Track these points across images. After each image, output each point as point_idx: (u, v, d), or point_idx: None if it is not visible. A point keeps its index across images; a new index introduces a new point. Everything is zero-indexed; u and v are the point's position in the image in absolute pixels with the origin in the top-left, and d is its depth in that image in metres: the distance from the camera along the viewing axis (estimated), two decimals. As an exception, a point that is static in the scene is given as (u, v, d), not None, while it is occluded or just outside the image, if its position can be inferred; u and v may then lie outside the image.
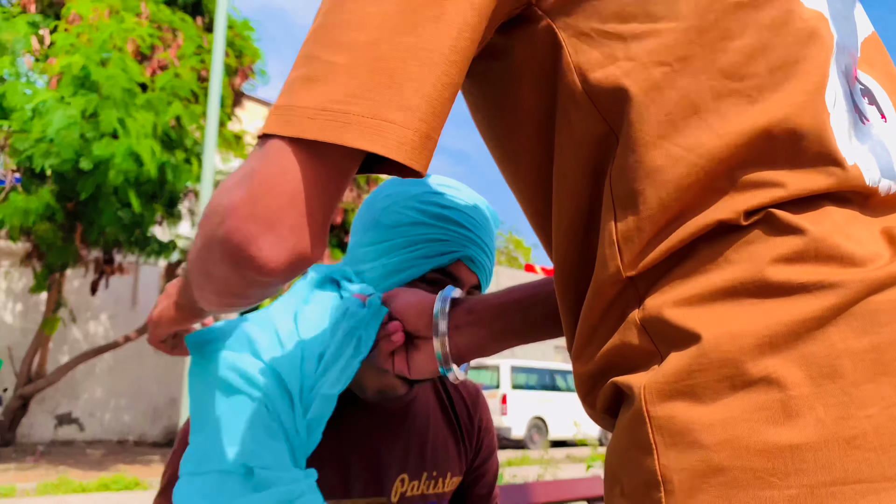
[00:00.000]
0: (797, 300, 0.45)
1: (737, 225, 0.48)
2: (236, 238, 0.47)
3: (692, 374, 0.45)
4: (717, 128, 0.48)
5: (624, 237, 0.51)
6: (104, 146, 6.90)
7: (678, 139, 0.49)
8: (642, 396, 0.47)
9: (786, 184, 0.48)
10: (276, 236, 0.47)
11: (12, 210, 7.39)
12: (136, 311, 12.56)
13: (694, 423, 0.44)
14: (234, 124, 9.97)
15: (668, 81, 0.49)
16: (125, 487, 7.02)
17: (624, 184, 0.51)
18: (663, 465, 0.45)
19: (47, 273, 9.06)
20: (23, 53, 7.59)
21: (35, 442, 11.11)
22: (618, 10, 0.51)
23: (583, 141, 0.53)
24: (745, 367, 0.44)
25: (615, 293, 0.52)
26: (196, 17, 9.06)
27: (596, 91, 0.51)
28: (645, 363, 0.49)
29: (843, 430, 0.42)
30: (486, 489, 1.12)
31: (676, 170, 0.48)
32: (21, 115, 6.89)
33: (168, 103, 7.54)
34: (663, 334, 0.48)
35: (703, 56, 0.49)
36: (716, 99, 0.49)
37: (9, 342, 11.29)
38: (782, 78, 0.49)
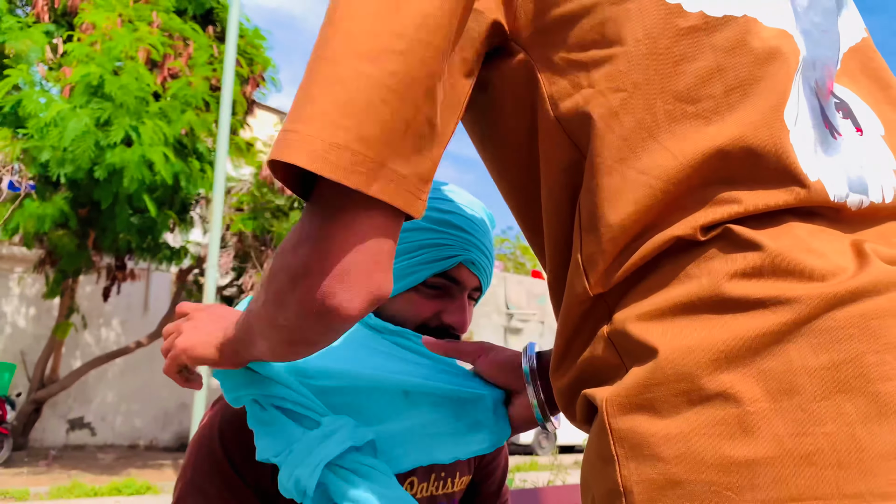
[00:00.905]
0: (754, 315, 0.45)
1: (695, 241, 0.49)
2: (316, 295, 0.49)
3: (650, 388, 0.46)
4: (672, 150, 0.49)
5: (587, 259, 0.52)
6: (118, 154, 6.96)
7: (635, 162, 0.50)
8: (604, 409, 0.48)
9: (742, 200, 0.48)
10: (351, 286, 0.48)
11: (27, 217, 7.47)
12: (148, 316, 12.62)
13: (653, 436, 0.45)
14: (246, 132, 10.03)
15: (624, 107, 0.50)
16: (136, 492, 7.06)
17: (587, 207, 0.52)
18: (624, 475, 0.46)
19: (60, 279, 9.14)
20: (37, 62, 7.68)
21: (47, 446, 11.17)
22: (579, 37, 0.52)
23: (560, 167, 0.55)
24: (702, 382, 0.44)
25: (585, 310, 0.53)
26: (207, 27, 9.14)
27: (566, 119, 0.53)
28: (612, 376, 0.50)
29: (799, 446, 0.42)
30: (495, 486, 1.13)
31: (635, 192, 0.49)
32: (36, 124, 6.97)
33: (181, 112, 7.60)
34: (627, 348, 0.49)
35: (658, 81, 0.50)
36: (671, 122, 0.50)
37: (22, 347, 11.37)
38: (738, 98, 0.50)
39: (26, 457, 9.73)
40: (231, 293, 10.60)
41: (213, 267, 7.94)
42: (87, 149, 6.86)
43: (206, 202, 9.41)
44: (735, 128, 0.49)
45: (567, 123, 0.53)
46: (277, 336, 0.55)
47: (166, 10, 8.37)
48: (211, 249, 7.91)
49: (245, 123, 9.77)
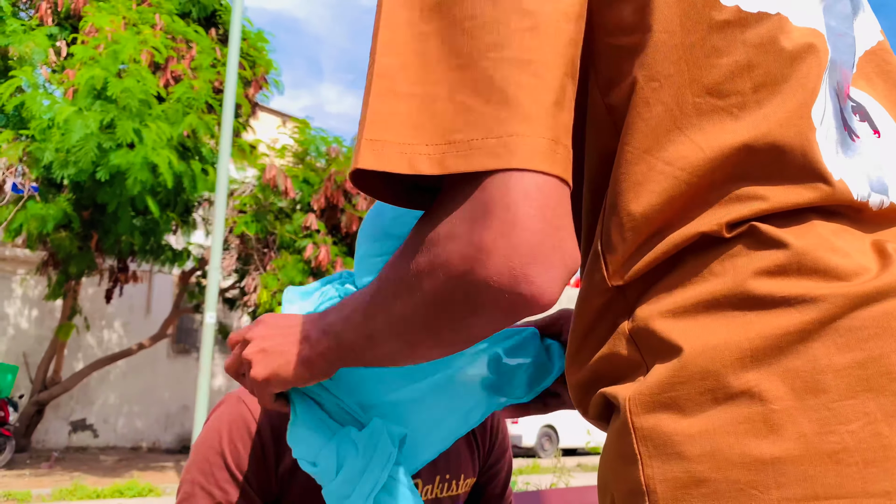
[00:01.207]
0: (779, 314, 0.45)
1: (720, 237, 0.49)
2: (501, 283, 0.43)
3: (674, 386, 0.46)
4: (699, 142, 0.49)
5: (607, 247, 0.52)
6: (121, 156, 6.98)
7: (661, 153, 0.50)
8: (627, 408, 0.48)
9: (768, 197, 0.48)
10: (544, 265, 0.43)
11: (30, 218, 7.49)
12: (150, 318, 12.64)
13: (677, 435, 0.45)
14: (249, 134, 10.05)
15: (655, 96, 0.50)
16: (139, 494, 7.06)
17: (611, 196, 0.52)
18: (647, 475, 0.46)
19: (63, 281, 9.16)
20: (40, 65, 7.71)
21: (50, 448, 11.19)
22: (620, 21, 0.51)
23: (604, 155, 0.54)
24: (727, 380, 0.45)
25: (603, 303, 0.53)
26: (210, 30, 9.16)
27: (614, 106, 0.52)
28: (632, 374, 0.50)
29: (825, 444, 0.42)
30: (500, 488, 1.14)
31: (659, 183, 0.49)
32: (39, 125, 6.99)
33: (184, 114, 7.62)
34: (649, 345, 0.49)
35: (689, 73, 0.50)
36: (699, 115, 0.50)
37: (24, 349, 11.40)
38: (766, 96, 0.50)
39: (28, 458, 9.75)
40: (233, 295, 10.61)
41: (216, 269, 7.95)
42: (89, 151, 6.88)
43: (209, 204, 9.43)
44: (762, 124, 0.49)
45: (615, 111, 0.52)
46: (430, 340, 0.51)
47: (169, 13, 8.40)
48: (213, 251, 7.92)
49: (248, 126, 9.79)
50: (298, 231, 9.27)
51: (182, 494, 0.86)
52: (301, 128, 10.05)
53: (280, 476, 0.87)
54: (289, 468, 0.87)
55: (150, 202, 7.55)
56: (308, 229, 9.18)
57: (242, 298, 9.58)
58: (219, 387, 13.46)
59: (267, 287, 8.80)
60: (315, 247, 8.93)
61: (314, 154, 9.99)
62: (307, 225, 9.15)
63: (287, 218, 9.65)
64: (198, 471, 0.85)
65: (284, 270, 8.89)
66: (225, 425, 0.87)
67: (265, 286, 8.81)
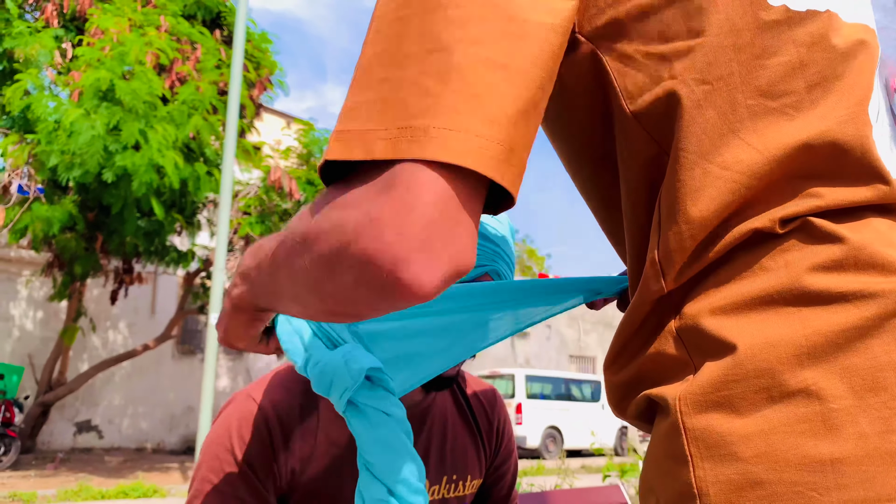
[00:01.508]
0: (836, 309, 0.44)
1: (773, 233, 0.48)
2: (382, 261, 0.41)
3: (728, 385, 0.45)
4: (755, 145, 0.48)
5: (665, 257, 0.51)
6: (127, 158, 7.01)
7: (716, 157, 0.49)
8: (677, 408, 0.47)
9: (824, 195, 0.48)
10: (430, 256, 0.41)
11: (35, 220, 7.52)
12: (155, 319, 12.68)
13: (730, 435, 0.44)
14: (253, 135, 10.08)
15: (707, 100, 0.49)
16: (144, 495, 7.07)
17: (667, 203, 0.51)
18: (699, 476, 0.44)
19: (68, 282, 9.19)
20: (46, 67, 7.74)
21: (55, 449, 11.23)
22: (662, 28, 0.50)
23: (639, 162, 0.53)
24: (783, 378, 0.43)
25: (652, 306, 0.52)
26: (215, 31, 9.19)
27: (643, 114, 0.51)
28: (678, 374, 0.49)
29: (887, 444, 0.41)
30: (505, 490, 1.14)
31: (717, 188, 0.48)
32: (46, 127, 7.02)
33: (188, 116, 7.65)
34: (698, 344, 0.48)
35: (740, 75, 0.49)
36: (753, 117, 0.49)
37: (30, 350, 11.44)
38: (820, 94, 0.49)
39: (34, 459, 9.78)
40: (238, 296, 10.61)
41: (221, 270, 7.97)
42: (96, 153, 6.90)
43: (214, 206, 9.45)
44: (820, 123, 0.49)
45: (645, 119, 0.51)
46: (319, 305, 0.48)
47: (174, 15, 8.43)
48: (218, 253, 7.93)
49: (252, 127, 9.81)
50: (303, 232, 9.27)
51: (193, 491, 0.86)
52: (305, 129, 10.07)
53: (289, 472, 0.87)
54: (298, 464, 0.87)
55: (155, 204, 7.57)
56: (312, 230, 9.17)
57: (247, 299, 9.59)
58: (223, 388, 13.48)
59: (271, 288, 8.80)
60: (319, 248, 8.92)
61: (318, 155, 10.01)
62: (311, 226, 9.15)
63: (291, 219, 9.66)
64: (208, 468, 0.86)
65: (289, 272, 8.89)
66: (235, 422, 0.87)
67: (269, 287, 8.81)
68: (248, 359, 14.10)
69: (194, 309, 11.11)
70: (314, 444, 0.89)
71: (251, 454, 0.85)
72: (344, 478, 0.89)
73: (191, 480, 0.88)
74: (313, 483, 0.87)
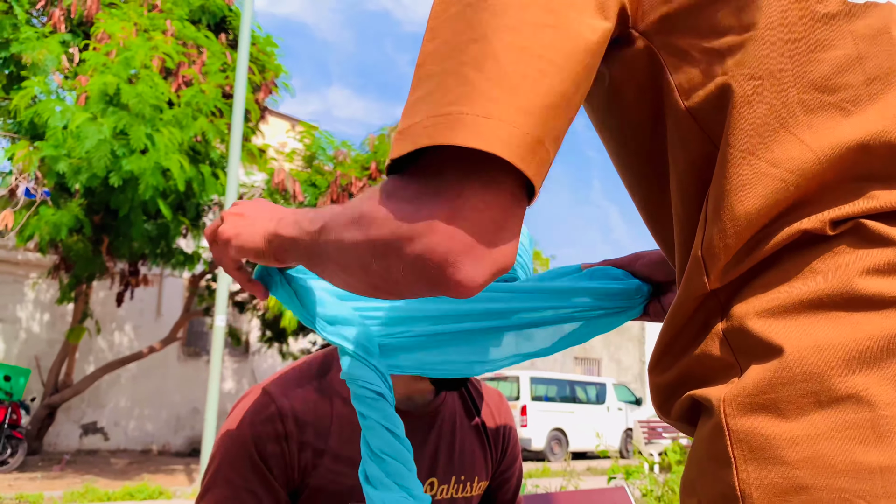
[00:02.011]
0: (889, 314, 0.43)
1: (823, 235, 0.46)
2: (433, 261, 0.44)
3: (774, 388, 0.44)
4: (808, 142, 0.47)
5: (708, 253, 0.50)
6: (134, 162, 7.04)
7: (766, 154, 0.48)
8: (721, 409, 0.46)
9: (877, 196, 0.46)
10: (477, 259, 0.44)
11: (42, 223, 7.56)
12: (161, 321, 12.71)
13: (776, 438, 0.43)
14: (258, 138, 10.11)
15: (757, 95, 0.48)
16: (149, 497, 7.09)
17: (714, 199, 0.50)
18: (742, 479, 0.44)
19: (74, 284, 9.23)
20: (53, 71, 7.78)
21: (61, 451, 11.26)
22: (714, 23, 0.49)
23: (691, 159, 0.52)
24: (832, 383, 0.42)
25: (698, 305, 0.52)
26: (220, 35, 9.22)
27: (699, 110, 0.50)
28: (723, 375, 0.48)
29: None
30: (510, 494, 1.15)
31: (765, 185, 0.47)
32: (54, 133, 7.06)
33: (194, 119, 7.68)
34: (744, 346, 0.47)
35: (793, 69, 0.48)
36: (806, 112, 0.47)
37: (36, 352, 11.48)
38: (880, 88, 0.48)
39: (40, 461, 9.81)
40: (243, 298, 10.65)
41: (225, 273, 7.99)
42: (103, 157, 6.93)
43: (219, 208, 9.48)
44: (878, 121, 0.47)
45: (701, 115, 0.51)
46: (363, 278, 0.51)
47: (180, 19, 8.46)
48: (223, 255, 7.95)
49: (257, 130, 9.84)
50: (307, 235, 9.28)
51: (206, 484, 0.87)
52: (308, 131, 10.10)
53: (301, 466, 0.88)
54: (310, 459, 0.88)
55: (162, 206, 7.60)
56: (317, 233, 9.19)
57: (252, 302, 9.62)
58: (229, 390, 13.51)
59: (276, 290, 8.82)
60: (324, 250, 8.94)
61: (322, 157, 10.03)
62: (316, 228, 9.17)
63: (296, 222, 9.67)
64: (221, 461, 0.87)
65: (294, 274, 8.91)
66: (249, 415, 0.88)
67: (274, 290, 8.83)
68: (254, 361, 14.12)
69: (200, 311, 11.13)
70: (327, 439, 0.90)
71: (265, 448, 0.86)
72: (357, 473, 0.90)
73: (205, 472, 0.89)
74: (326, 478, 0.88)
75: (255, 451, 0.86)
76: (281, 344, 11.33)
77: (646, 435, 13.01)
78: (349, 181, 9.32)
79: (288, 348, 11.50)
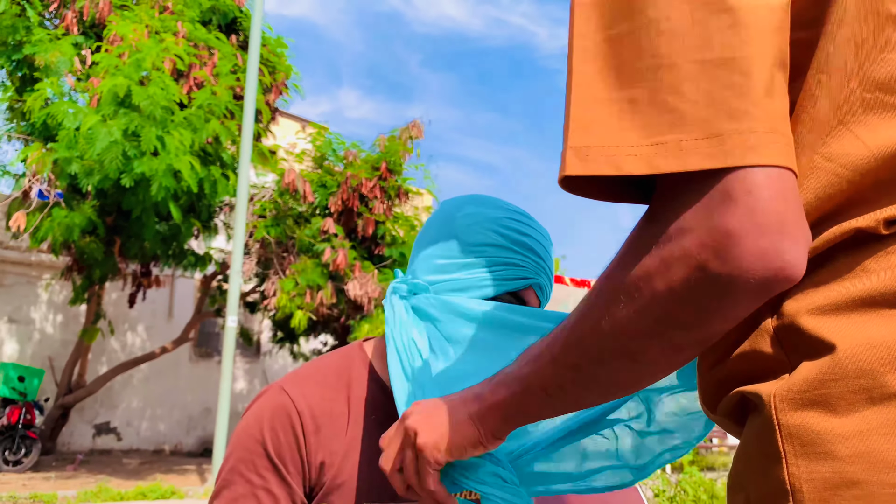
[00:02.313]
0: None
1: (876, 234, 0.46)
2: (753, 265, 0.43)
3: (825, 384, 0.44)
4: (864, 139, 0.47)
5: None
6: (145, 164, 7.09)
7: (822, 148, 0.48)
8: (772, 405, 0.46)
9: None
10: (793, 239, 0.44)
11: (55, 225, 7.62)
12: (172, 322, 12.78)
13: (827, 434, 0.43)
14: (269, 139, 10.15)
15: (821, 90, 0.49)
16: (162, 496, 7.14)
17: None
18: (793, 474, 0.44)
19: (87, 285, 9.30)
20: (65, 73, 7.85)
21: (74, 451, 11.35)
22: (798, 17, 0.49)
23: None
24: (885, 380, 0.43)
25: None
26: (231, 36, 9.27)
27: None
28: (773, 372, 0.49)
29: None
30: None
31: (819, 179, 0.48)
32: (66, 134, 7.11)
33: (206, 121, 7.72)
34: (796, 343, 0.48)
35: (858, 67, 0.48)
36: (866, 110, 0.48)
37: (50, 353, 11.58)
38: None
39: (54, 461, 9.90)
40: (254, 299, 10.70)
41: (237, 273, 8.03)
42: (115, 159, 6.98)
43: (230, 209, 9.53)
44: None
45: None
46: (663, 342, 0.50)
47: (191, 21, 8.51)
48: (234, 256, 7.99)
49: (268, 131, 9.88)
50: (317, 235, 9.33)
51: (221, 482, 0.87)
52: (319, 133, 10.13)
53: (318, 465, 0.88)
54: (327, 458, 0.88)
55: (173, 208, 7.65)
56: (326, 233, 9.24)
57: (263, 302, 9.67)
58: (240, 390, 13.57)
59: (286, 291, 8.87)
60: (333, 251, 8.99)
61: (331, 158, 10.06)
62: (325, 229, 9.22)
63: (306, 222, 9.72)
64: (237, 458, 0.86)
65: (304, 274, 8.96)
66: (266, 413, 0.88)
67: (284, 290, 8.88)
68: (265, 361, 14.18)
69: (211, 312, 11.19)
70: (344, 439, 0.89)
71: (281, 446, 0.86)
72: (373, 472, 0.90)
73: (219, 471, 0.89)
74: (342, 477, 0.88)
75: (271, 450, 0.86)
76: (292, 344, 11.38)
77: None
78: (359, 182, 9.34)
79: (299, 349, 11.55)
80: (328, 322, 10.16)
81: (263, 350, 14.00)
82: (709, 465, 12.42)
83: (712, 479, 5.50)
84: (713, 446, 13.34)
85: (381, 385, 0.93)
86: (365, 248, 9.78)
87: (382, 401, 0.93)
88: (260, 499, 0.85)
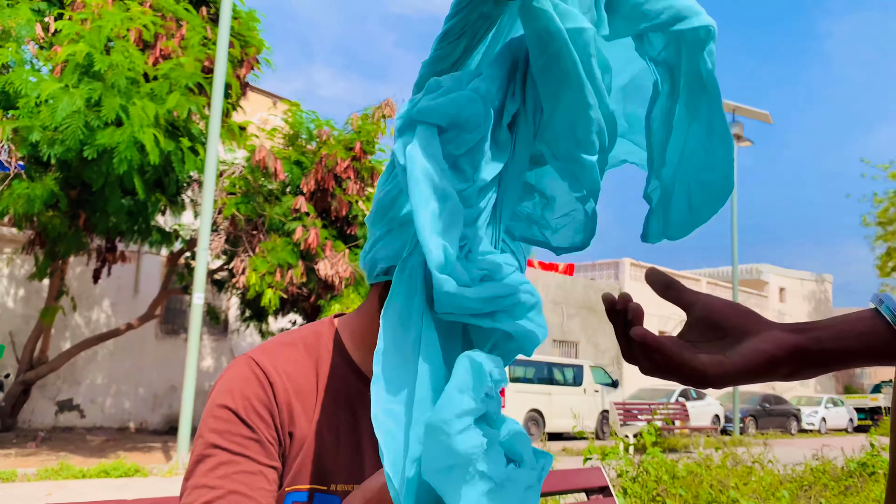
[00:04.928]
0: None
1: None
2: None
3: None
4: None
5: None
6: (108, 135, 6.92)
7: None
8: None
9: None
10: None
11: (16, 197, 7.41)
12: (138, 299, 12.59)
13: None
14: (239, 115, 9.97)
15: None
16: (125, 474, 7.07)
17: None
18: None
19: (50, 261, 9.09)
20: (27, 41, 7.60)
21: (36, 428, 11.17)
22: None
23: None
24: None
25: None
26: (201, 9, 9.05)
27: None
28: None
29: None
30: None
31: None
32: (27, 103, 6.90)
33: (169, 92, 7.54)
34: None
35: None
36: None
37: (11, 328, 11.33)
38: None
39: (14, 438, 9.73)
40: (222, 277, 10.58)
41: (204, 250, 7.92)
42: (76, 129, 6.80)
43: (198, 185, 9.37)
44: None
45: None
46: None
47: (158, -10, 8.28)
48: (202, 233, 7.87)
49: (238, 106, 9.71)
50: (288, 213, 9.23)
51: (196, 457, 0.84)
52: (292, 109, 9.98)
53: (287, 435, 0.87)
54: (297, 428, 0.86)
55: (138, 182, 7.48)
56: (297, 212, 9.14)
57: (231, 280, 9.55)
58: (207, 368, 13.45)
59: (256, 269, 8.78)
60: (304, 229, 8.91)
61: (304, 136, 9.93)
62: (297, 207, 9.12)
63: (276, 200, 9.60)
64: (210, 430, 0.84)
65: (273, 252, 8.87)
66: (237, 382, 0.86)
67: (254, 268, 8.79)
68: (232, 339, 14.06)
69: (178, 289, 11.04)
70: (312, 416, 0.89)
71: (255, 414, 0.84)
72: (342, 443, 0.89)
73: (193, 447, 0.86)
74: (311, 447, 0.87)
75: (245, 417, 0.84)
76: (260, 323, 11.29)
77: (621, 417, 13.20)
78: (335, 162, 9.24)
79: (267, 327, 11.46)
80: (297, 301, 10.09)
81: (231, 328, 13.88)
82: (671, 446, 12.72)
83: (674, 460, 5.62)
84: (675, 428, 13.64)
85: (350, 362, 0.92)
86: (336, 228, 9.71)
87: (351, 379, 0.92)
88: (240, 464, 0.83)
